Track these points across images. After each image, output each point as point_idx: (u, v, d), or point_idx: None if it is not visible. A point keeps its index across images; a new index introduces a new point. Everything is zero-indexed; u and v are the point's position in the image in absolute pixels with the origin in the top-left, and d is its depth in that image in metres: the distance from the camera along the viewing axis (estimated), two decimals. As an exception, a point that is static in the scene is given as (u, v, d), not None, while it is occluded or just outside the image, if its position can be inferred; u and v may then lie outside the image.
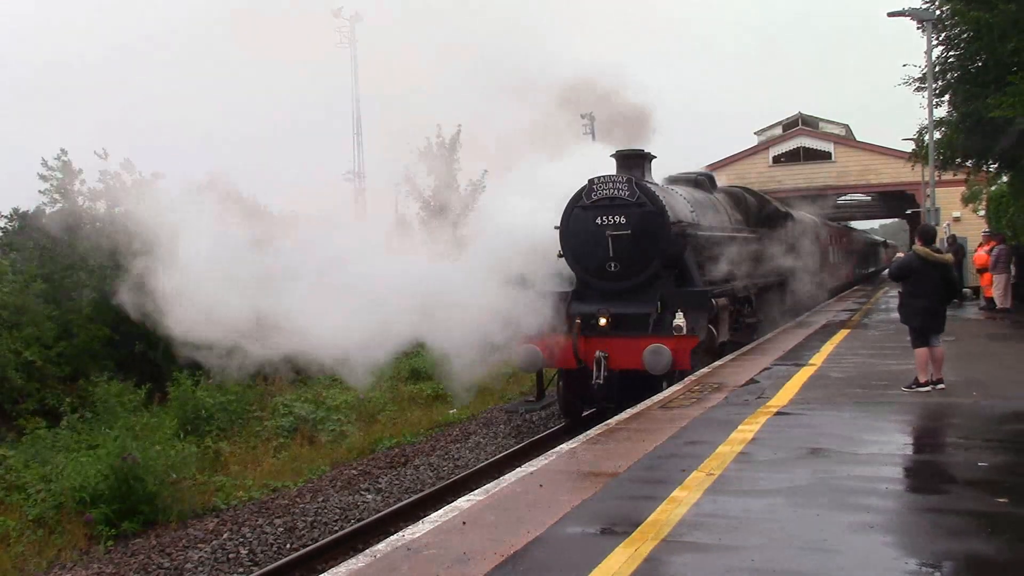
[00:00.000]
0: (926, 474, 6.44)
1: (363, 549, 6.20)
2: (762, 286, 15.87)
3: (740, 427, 7.60)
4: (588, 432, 7.93)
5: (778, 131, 38.60)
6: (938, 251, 9.19)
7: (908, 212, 40.78)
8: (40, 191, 15.50)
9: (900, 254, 11.20)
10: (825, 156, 34.98)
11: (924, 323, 9.02)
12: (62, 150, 15.42)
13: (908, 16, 19.51)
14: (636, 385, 11.24)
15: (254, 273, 9.57)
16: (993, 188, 26.08)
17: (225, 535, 8.26)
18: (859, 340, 14.22)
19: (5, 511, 8.76)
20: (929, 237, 9.41)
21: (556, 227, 12.83)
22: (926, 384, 9.05)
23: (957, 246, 21.10)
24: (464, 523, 5.26)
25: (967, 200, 28.53)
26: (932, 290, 8.99)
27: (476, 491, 6.21)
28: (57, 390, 12.27)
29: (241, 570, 7.47)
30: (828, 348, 13.07)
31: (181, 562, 7.58)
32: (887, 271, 14.39)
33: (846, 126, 42.12)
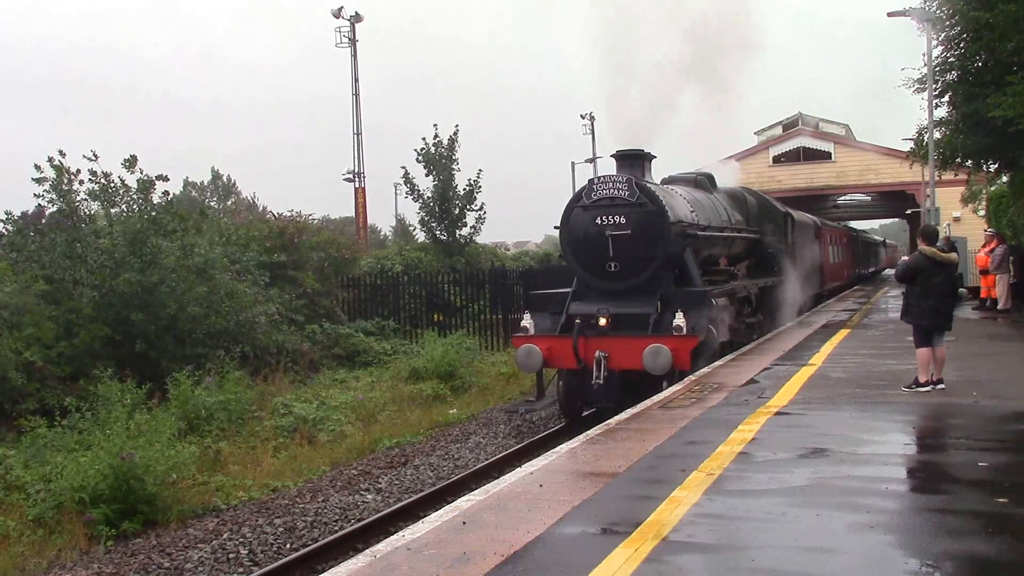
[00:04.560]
0: (926, 474, 6.44)
1: (363, 549, 6.20)
2: (762, 286, 15.88)
3: (740, 427, 7.60)
4: (588, 432, 7.93)
5: (778, 131, 38.64)
6: (944, 251, 9.22)
7: (908, 212, 40.80)
8: (35, 194, 15.48)
9: (905, 257, 11.18)
10: (825, 156, 35.01)
11: (933, 323, 9.06)
12: (60, 151, 15.40)
13: (908, 16, 19.53)
14: (636, 385, 11.25)
15: None
16: (993, 188, 26.09)
17: (225, 535, 8.25)
18: (859, 340, 14.21)
19: (5, 511, 8.75)
20: (932, 237, 9.42)
21: (556, 227, 12.86)
22: (926, 384, 9.06)
23: (952, 246, 21.08)
24: (464, 523, 5.26)
25: (967, 200, 28.54)
26: (940, 290, 9.04)
27: (476, 491, 6.22)
28: (57, 390, 12.26)
29: (241, 570, 7.47)
30: (828, 348, 13.07)
31: (181, 562, 7.57)
32: (893, 273, 14.37)
33: (846, 126, 42.16)
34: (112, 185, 15.52)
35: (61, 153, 15.33)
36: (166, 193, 16.43)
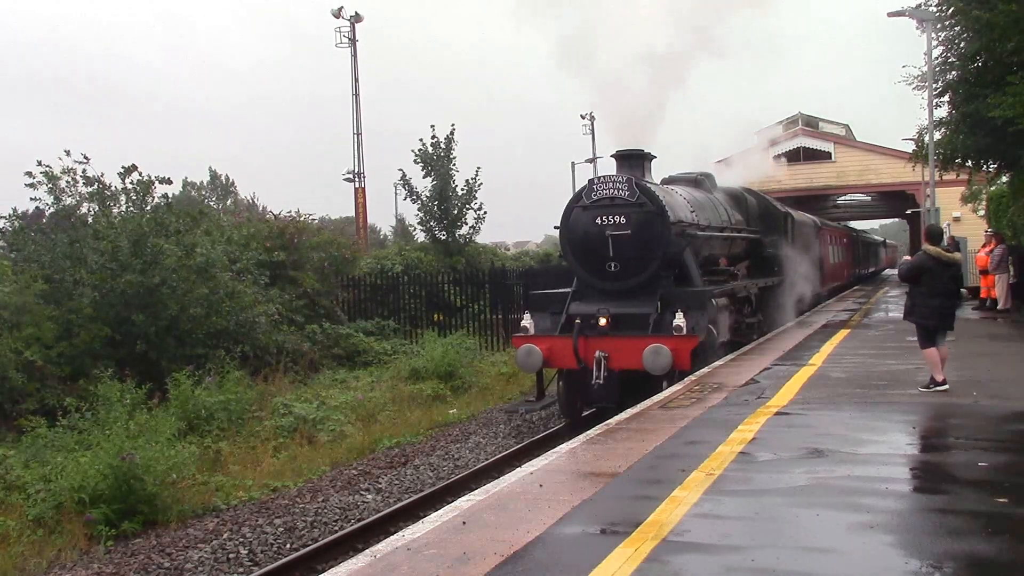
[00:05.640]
0: (926, 474, 6.44)
1: (363, 549, 6.20)
2: (762, 286, 15.88)
3: (740, 427, 7.60)
4: (588, 432, 7.92)
5: (778, 131, 38.60)
6: (949, 250, 9.23)
7: (908, 212, 40.81)
8: (31, 199, 15.57)
9: (908, 257, 11.18)
10: (825, 156, 35.01)
11: (938, 322, 9.08)
12: (66, 151, 15.51)
13: (908, 16, 19.54)
14: (636, 385, 11.24)
15: None
16: (993, 188, 26.09)
17: (225, 535, 8.25)
18: (859, 340, 14.21)
19: (5, 511, 8.74)
20: (937, 237, 9.42)
21: (556, 227, 12.86)
22: (944, 382, 9.05)
23: (957, 245, 21.07)
24: (464, 523, 5.26)
25: (967, 200, 28.54)
26: (945, 289, 9.06)
27: (476, 491, 6.22)
28: (57, 390, 12.26)
29: (241, 570, 7.47)
30: (828, 348, 13.07)
31: (181, 562, 7.57)
32: (897, 272, 14.39)
33: (846, 126, 42.19)
34: (108, 188, 15.58)
35: (67, 153, 15.47)
36: (165, 195, 16.46)
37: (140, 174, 15.68)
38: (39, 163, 15.27)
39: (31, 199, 15.57)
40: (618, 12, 13.25)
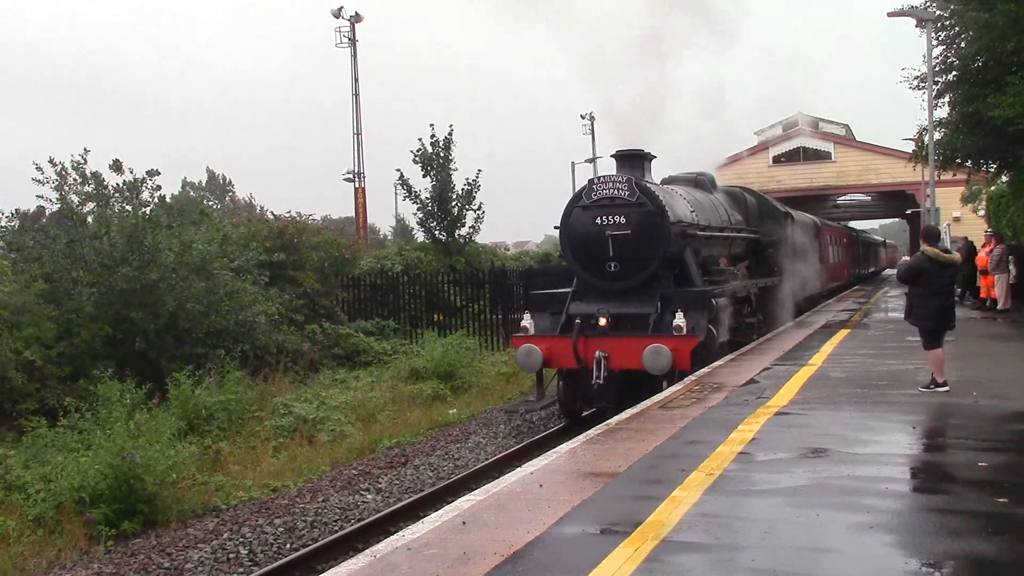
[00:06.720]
0: (926, 474, 6.44)
1: (363, 549, 6.20)
2: (762, 286, 15.88)
3: (740, 427, 7.60)
4: (588, 432, 7.93)
5: (778, 131, 38.63)
6: (946, 251, 9.22)
7: (908, 212, 40.85)
8: (37, 195, 15.59)
9: (906, 257, 11.20)
10: (825, 156, 35.04)
11: (938, 324, 9.07)
12: (86, 149, 15.57)
13: (908, 16, 19.54)
14: (636, 385, 11.24)
15: None
16: (993, 188, 26.10)
17: (225, 535, 8.25)
18: (859, 340, 14.22)
19: (5, 511, 8.74)
20: (934, 238, 9.42)
21: (556, 227, 12.87)
22: (945, 384, 9.04)
23: (968, 247, 21.08)
24: (464, 523, 5.26)
25: (967, 200, 28.57)
26: (943, 290, 9.07)
27: (476, 491, 6.22)
28: (57, 390, 12.25)
29: (241, 570, 7.47)
30: (828, 348, 13.07)
31: (181, 562, 7.57)
32: (895, 273, 14.40)
33: (846, 126, 42.24)
34: (105, 186, 15.60)
35: (86, 151, 15.52)
36: (158, 187, 16.44)
37: (131, 171, 15.74)
38: (50, 160, 15.28)
39: (36, 195, 15.60)
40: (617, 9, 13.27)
